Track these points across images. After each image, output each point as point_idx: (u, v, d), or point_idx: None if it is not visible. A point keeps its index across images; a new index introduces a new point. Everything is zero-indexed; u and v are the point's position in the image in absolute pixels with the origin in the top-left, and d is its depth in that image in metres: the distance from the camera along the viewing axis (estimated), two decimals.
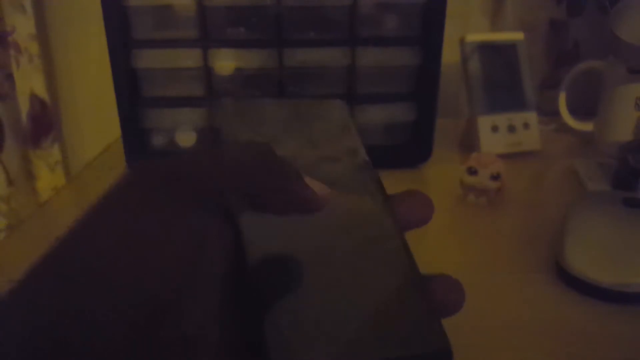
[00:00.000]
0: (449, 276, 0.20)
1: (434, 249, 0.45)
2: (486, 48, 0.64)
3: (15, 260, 0.42)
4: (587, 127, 0.68)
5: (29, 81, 0.73)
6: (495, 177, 0.50)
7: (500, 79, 0.64)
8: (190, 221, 0.17)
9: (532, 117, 0.64)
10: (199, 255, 0.16)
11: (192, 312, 0.15)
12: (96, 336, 0.14)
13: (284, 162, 0.20)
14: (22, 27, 0.71)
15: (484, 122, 0.63)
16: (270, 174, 0.19)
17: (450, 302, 0.20)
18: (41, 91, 0.74)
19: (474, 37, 0.64)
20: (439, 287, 0.20)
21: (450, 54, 0.61)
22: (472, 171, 0.50)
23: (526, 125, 0.64)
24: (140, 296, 0.15)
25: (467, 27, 0.78)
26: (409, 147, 0.59)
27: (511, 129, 0.63)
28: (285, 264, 0.19)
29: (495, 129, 0.63)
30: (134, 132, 0.56)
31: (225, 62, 0.54)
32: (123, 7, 0.52)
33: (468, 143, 0.65)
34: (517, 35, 0.65)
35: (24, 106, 0.74)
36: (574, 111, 0.70)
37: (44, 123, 0.76)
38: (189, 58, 0.54)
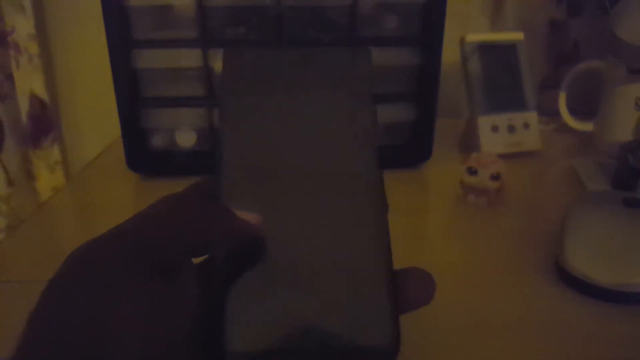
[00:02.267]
0: (420, 269, 0.21)
1: (434, 249, 0.45)
2: (486, 48, 0.64)
3: (15, 260, 0.43)
4: (587, 127, 0.68)
5: (29, 81, 0.73)
6: (495, 177, 0.50)
7: (500, 79, 0.64)
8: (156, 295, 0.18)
9: (532, 117, 0.64)
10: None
11: None
12: None
13: (212, 205, 0.21)
14: (22, 27, 0.71)
15: (484, 122, 0.63)
16: (208, 222, 0.20)
17: (421, 294, 0.20)
18: (41, 91, 0.74)
19: (474, 37, 0.64)
20: (409, 280, 0.20)
21: (450, 54, 0.61)
22: (472, 171, 0.50)
23: (526, 125, 0.64)
24: None
25: (467, 27, 0.78)
26: (409, 147, 0.59)
27: (511, 129, 0.63)
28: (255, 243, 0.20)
29: (495, 129, 0.63)
30: (134, 132, 0.56)
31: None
32: (123, 7, 0.52)
33: (468, 143, 0.65)
34: (517, 35, 0.65)
35: (23, 106, 0.74)
36: (574, 111, 0.70)
37: (43, 123, 0.76)
38: (189, 58, 0.54)
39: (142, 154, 0.57)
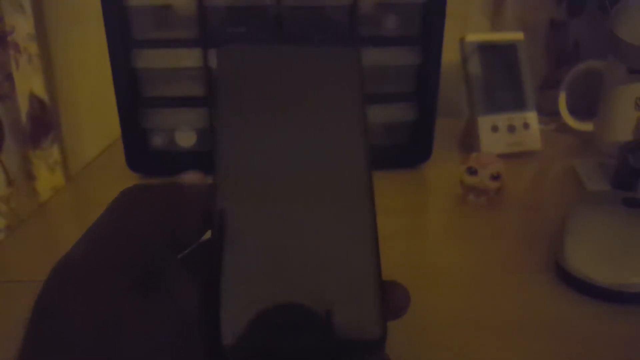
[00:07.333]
0: (397, 282, 0.21)
1: (434, 249, 0.45)
2: (486, 48, 0.64)
3: (15, 260, 0.43)
4: (587, 127, 0.68)
5: (29, 81, 0.73)
6: (495, 177, 0.50)
7: (500, 79, 0.64)
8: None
9: (532, 117, 0.64)
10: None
11: None
12: None
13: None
14: (21, 27, 0.71)
15: (484, 122, 0.63)
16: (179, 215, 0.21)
17: (403, 304, 0.21)
18: (40, 91, 0.74)
19: (474, 37, 0.64)
20: (393, 290, 0.21)
21: (450, 54, 0.61)
22: (472, 171, 0.50)
23: (526, 125, 0.64)
24: None
25: (467, 27, 0.78)
26: (409, 147, 0.59)
27: (511, 129, 0.63)
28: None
29: (495, 129, 0.63)
30: (134, 132, 0.56)
31: None
32: (123, 7, 0.52)
33: (468, 143, 0.65)
34: (517, 35, 0.65)
35: (23, 106, 0.74)
36: (574, 111, 0.70)
37: (43, 123, 0.76)
38: (189, 58, 0.54)
39: (142, 154, 0.57)
